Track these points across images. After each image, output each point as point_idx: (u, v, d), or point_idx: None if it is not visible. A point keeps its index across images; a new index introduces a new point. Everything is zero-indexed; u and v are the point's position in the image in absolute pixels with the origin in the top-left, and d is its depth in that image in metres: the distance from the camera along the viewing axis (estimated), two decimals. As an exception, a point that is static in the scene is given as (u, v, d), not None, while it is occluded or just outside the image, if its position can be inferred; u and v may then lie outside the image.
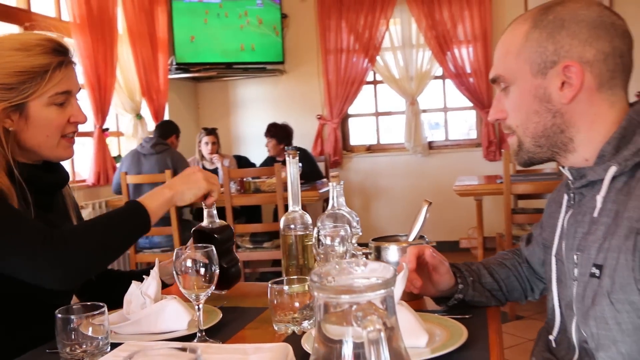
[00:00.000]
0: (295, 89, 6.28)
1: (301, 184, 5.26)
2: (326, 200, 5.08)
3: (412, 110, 5.93)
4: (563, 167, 1.15)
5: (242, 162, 5.69)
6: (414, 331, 1.04)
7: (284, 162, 4.97)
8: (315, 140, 6.18)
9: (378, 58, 5.97)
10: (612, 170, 1.02)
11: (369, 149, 6.28)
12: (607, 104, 1.06)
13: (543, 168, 4.81)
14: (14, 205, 1.23)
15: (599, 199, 1.03)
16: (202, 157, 5.23)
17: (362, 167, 6.18)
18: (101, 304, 1.08)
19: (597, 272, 1.01)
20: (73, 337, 1.06)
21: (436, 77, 6.01)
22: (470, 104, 5.87)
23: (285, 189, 4.28)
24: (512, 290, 1.36)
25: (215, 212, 1.45)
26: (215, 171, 5.19)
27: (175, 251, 1.13)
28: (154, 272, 1.24)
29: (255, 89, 6.38)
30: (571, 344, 1.11)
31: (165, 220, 3.57)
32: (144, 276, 1.25)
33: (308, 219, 1.48)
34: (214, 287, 1.14)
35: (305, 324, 1.19)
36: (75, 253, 1.20)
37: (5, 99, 1.25)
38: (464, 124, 6.39)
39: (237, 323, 1.27)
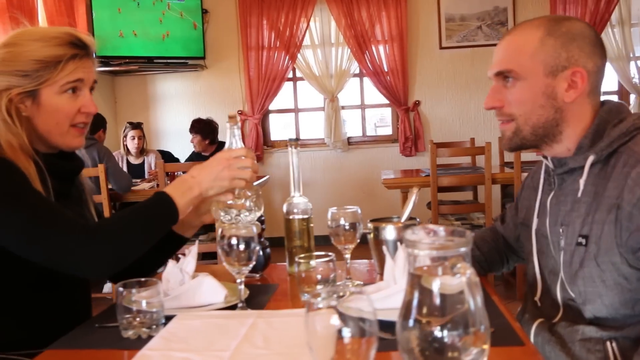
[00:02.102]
0: (216, 85, 6.31)
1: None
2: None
3: (332, 106, 6.14)
4: (545, 157, 1.37)
5: (166, 157, 5.64)
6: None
7: (209, 157, 5.04)
8: (237, 135, 6.24)
9: (299, 55, 6.13)
10: (591, 158, 1.24)
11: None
12: (590, 107, 1.29)
13: (461, 163, 5.19)
14: (39, 190, 1.28)
15: (582, 182, 1.25)
16: (128, 151, 5.16)
17: (283, 162, 6.32)
18: (155, 279, 1.17)
19: (583, 241, 1.23)
20: (133, 309, 1.15)
21: (355, 75, 6.25)
22: (387, 101, 6.17)
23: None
24: (493, 262, 1.58)
25: None
26: (141, 166, 5.15)
27: (219, 230, 1.23)
28: (194, 251, 1.34)
29: (175, 84, 6.35)
30: (555, 303, 1.33)
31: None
32: (179, 255, 1.34)
33: (309, 204, 1.62)
34: (255, 262, 1.26)
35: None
36: (107, 246, 1.22)
37: (20, 85, 1.32)
38: (380, 120, 6.71)
39: (262, 297, 1.39)
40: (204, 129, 5.26)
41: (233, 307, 1.27)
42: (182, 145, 5.91)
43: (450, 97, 6.15)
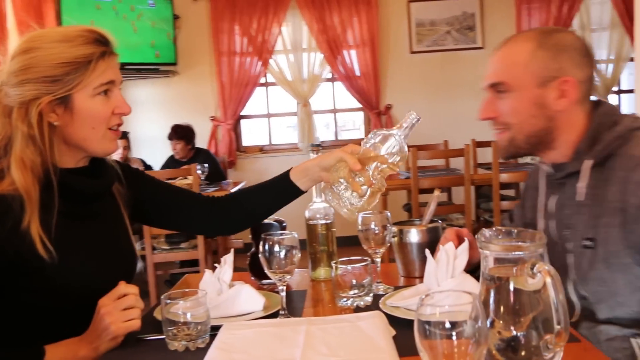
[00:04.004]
0: (188, 91, 6.23)
1: (207, 184, 5.22)
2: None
3: (304, 111, 6.15)
4: (543, 162, 1.42)
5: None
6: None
7: (187, 163, 4.98)
8: (209, 141, 6.19)
9: (271, 61, 6.12)
10: (588, 162, 1.29)
11: (262, 149, 6.41)
12: (583, 113, 1.35)
13: (436, 165, 5.26)
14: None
15: (581, 186, 1.30)
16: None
17: (256, 167, 6.29)
18: (201, 290, 1.16)
19: (590, 243, 1.27)
20: (181, 320, 1.13)
21: (327, 80, 6.28)
22: (358, 105, 6.21)
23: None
24: None
25: None
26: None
27: (262, 237, 1.23)
28: (229, 260, 1.33)
29: (147, 90, 6.25)
30: (570, 301, 1.37)
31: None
32: (215, 264, 1.33)
33: (330, 209, 1.62)
34: (296, 269, 1.26)
35: (368, 298, 1.34)
36: None
37: (50, 92, 1.21)
38: (344, 124, 6.76)
39: (296, 303, 1.39)
40: (187, 134, 5.21)
41: (274, 315, 1.27)
42: (154, 152, 5.82)
43: (421, 101, 6.22)
